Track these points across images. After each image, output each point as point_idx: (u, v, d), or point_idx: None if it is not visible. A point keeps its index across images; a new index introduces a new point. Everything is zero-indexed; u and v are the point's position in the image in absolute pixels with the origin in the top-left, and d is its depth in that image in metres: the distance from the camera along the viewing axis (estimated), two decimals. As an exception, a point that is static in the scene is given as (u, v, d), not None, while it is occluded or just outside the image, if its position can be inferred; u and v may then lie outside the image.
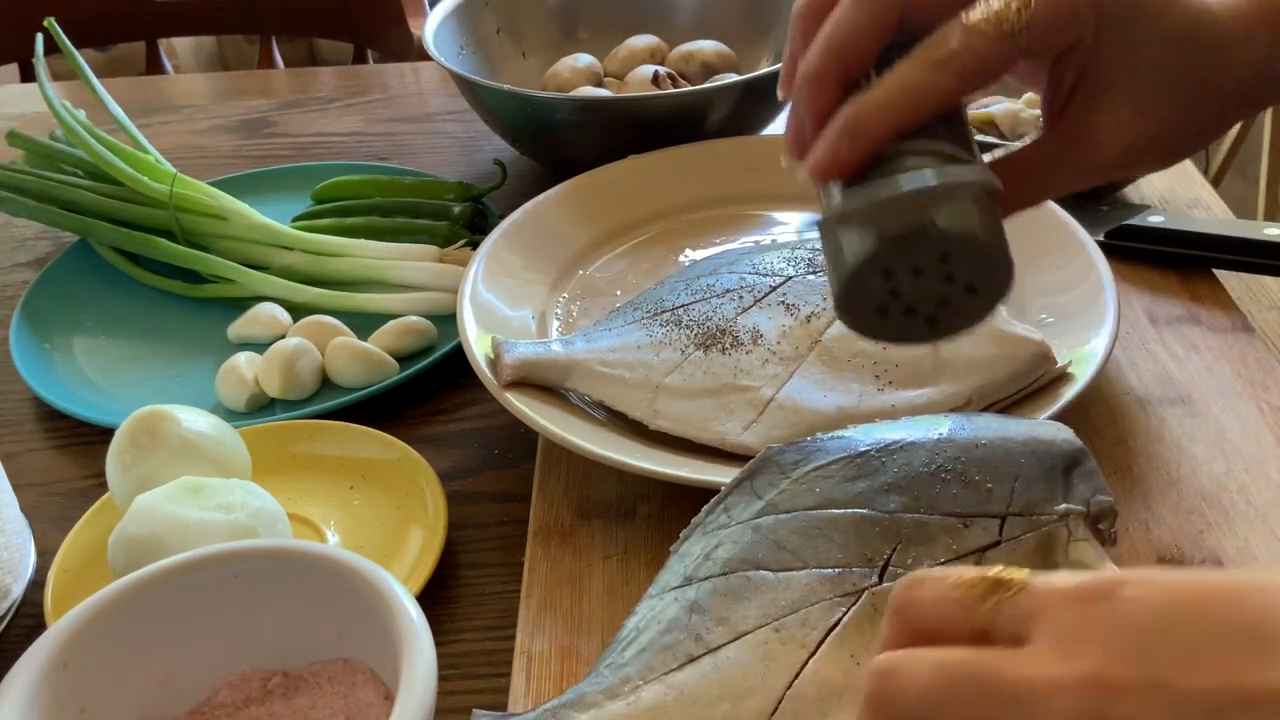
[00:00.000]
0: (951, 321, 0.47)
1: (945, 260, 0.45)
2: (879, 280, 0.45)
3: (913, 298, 0.46)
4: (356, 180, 0.96)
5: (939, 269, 0.45)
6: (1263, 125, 1.90)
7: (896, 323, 0.47)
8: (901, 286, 0.45)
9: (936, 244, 0.44)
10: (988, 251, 0.45)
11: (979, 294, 0.46)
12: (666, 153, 0.87)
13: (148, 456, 0.63)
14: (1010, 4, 0.46)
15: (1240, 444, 0.67)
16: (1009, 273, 0.46)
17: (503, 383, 0.67)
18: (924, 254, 0.44)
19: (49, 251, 0.97)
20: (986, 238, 0.45)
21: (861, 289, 0.45)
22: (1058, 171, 0.51)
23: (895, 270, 0.45)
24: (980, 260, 0.45)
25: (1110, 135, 0.50)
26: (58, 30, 0.92)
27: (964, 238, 0.44)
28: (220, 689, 0.51)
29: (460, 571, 0.65)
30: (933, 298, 0.46)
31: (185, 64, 2.70)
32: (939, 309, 0.47)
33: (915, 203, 0.44)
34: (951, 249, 0.44)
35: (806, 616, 0.48)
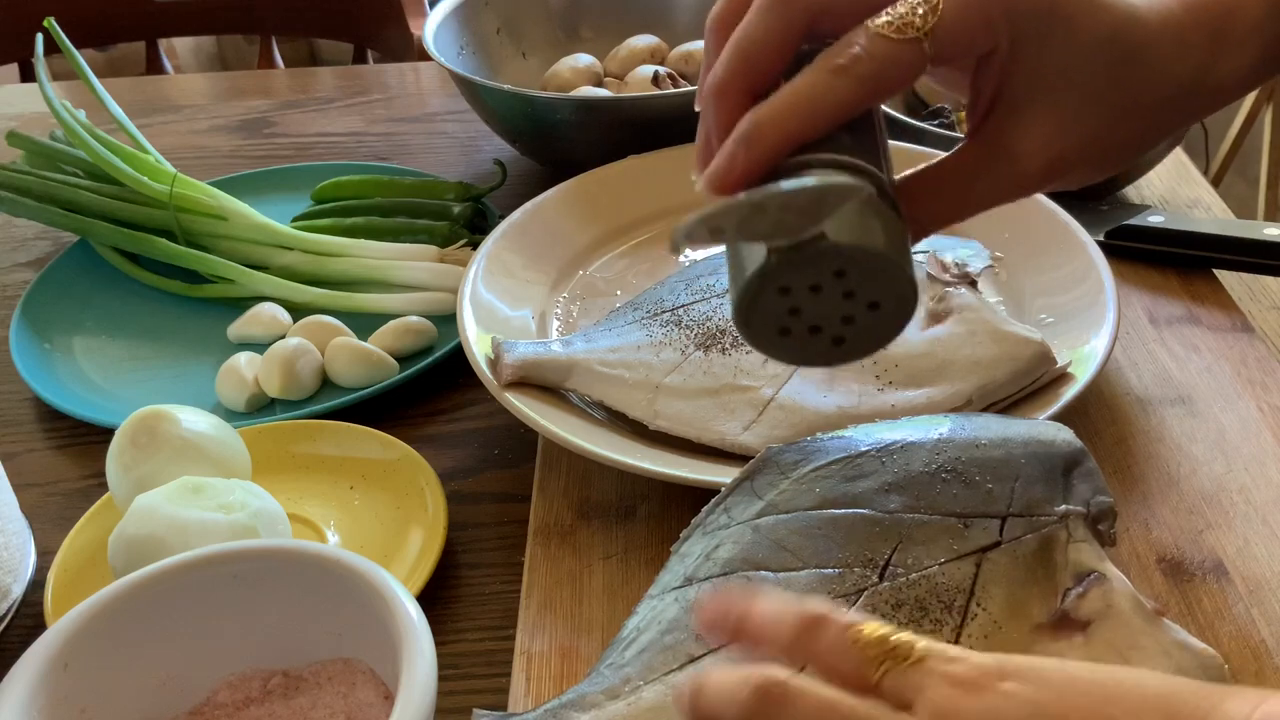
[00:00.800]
0: (859, 340, 0.45)
1: (842, 275, 0.43)
2: (776, 297, 0.43)
3: (815, 316, 0.44)
4: (356, 180, 0.96)
5: (837, 284, 0.43)
6: (1263, 125, 1.90)
7: (802, 342, 0.45)
8: (801, 304, 0.43)
9: (828, 258, 0.42)
10: (883, 265, 0.42)
11: (883, 310, 0.44)
12: (666, 153, 0.87)
13: (148, 456, 0.63)
14: (915, 8, 0.44)
15: (1240, 444, 0.67)
16: (912, 288, 0.43)
17: (503, 383, 0.67)
18: (817, 269, 0.42)
19: (49, 251, 0.97)
20: (880, 250, 0.42)
21: (758, 306, 0.43)
22: (979, 184, 0.48)
23: (792, 287, 0.43)
24: (877, 274, 0.43)
25: (1032, 150, 0.47)
26: (58, 30, 0.92)
27: (856, 250, 0.42)
28: (220, 689, 0.52)
29: (460, 571, 0.65)
30: (836, 316, 0.44)
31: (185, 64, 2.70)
32: (844, 327, 0.45)
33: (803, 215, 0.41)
34: (845, 264, 0.42)
35: None
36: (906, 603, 0.48)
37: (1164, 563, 0.60)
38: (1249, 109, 1.90)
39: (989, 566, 0.49)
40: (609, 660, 0.50)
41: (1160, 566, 0.59)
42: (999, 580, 0.49)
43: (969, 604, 0.48)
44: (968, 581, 0.49)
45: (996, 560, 0.49)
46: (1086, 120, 0.48)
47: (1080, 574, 0.49)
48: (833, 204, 0.41)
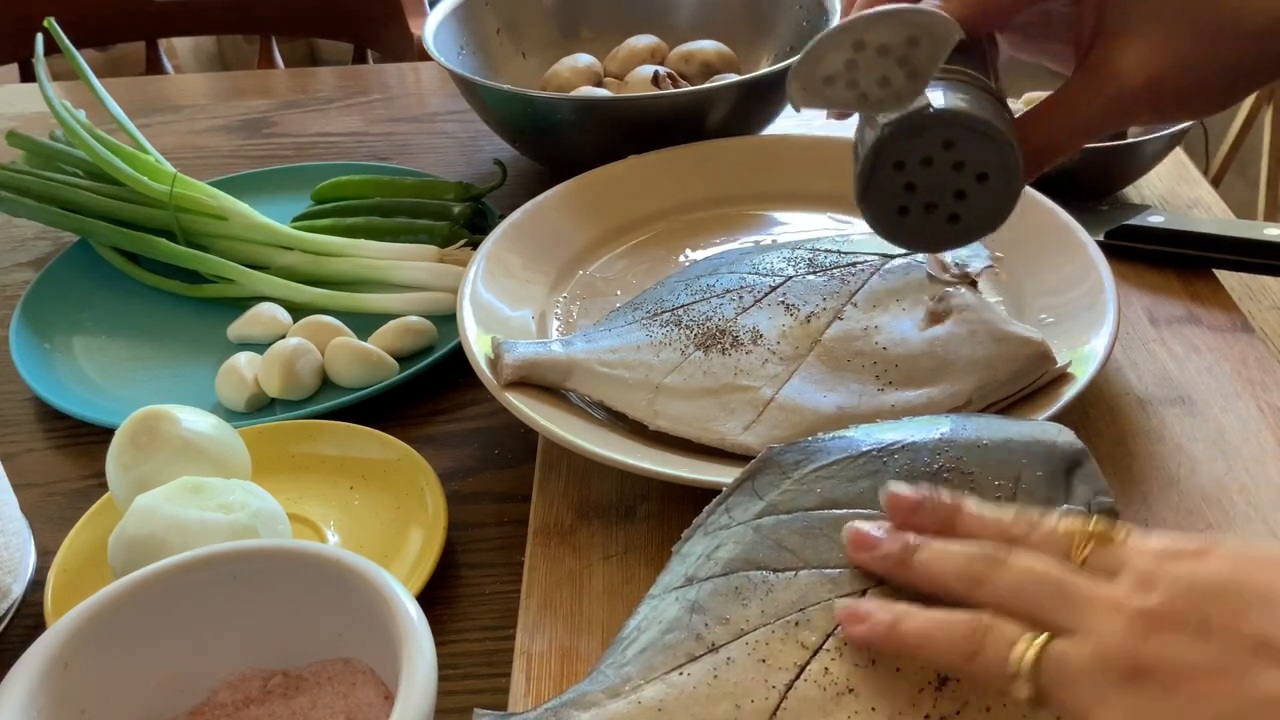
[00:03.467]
0: (973, 217, 0.50)
1: (950, 146, 0.48)
2: (892, 173, 0.49)
3: (929, 191, 0.49)
4: (356, 180, 0.96)
5: (946, 156, 0.48)
6: (1263, 125, 1.90)
7: (920, 220, 0.50)
8: (915, 179, 0.49)
9: (936, 126, 0.47)
10: (987, 131, 0.48)
11: (991, 182, 0.49)
12: (666, 153, 0.87)
13: (148, 456, 0.63)
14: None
15: (1240, 444, 0.67)
16: (1015, 157, 0.49)
17: (503, 383, 0.67)
18: (926, 139, 0.48)
19: (49, 251, 0.97)
20: (982, 116, 0.48)
21: (877, 182, 0.49)
22: (1087, 108, 0.54)
23: (906, 161, 0.48)
24: (982, 142, 0.48)
25: (1130, 69, 0.53)
26: (58, 30, 0.92)
27: (960, 116, 0.47)
28: (220, 689, 0.52)
29: (460, 571, 0.65)
30: (949, 190, 0.49)
31: (185, 64, 2.70)
32: (957, 203, 0.50)
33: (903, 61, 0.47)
34: (951, 133, 0.48)
35: (808, 617, 0.48)
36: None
37: (1164, 563, 0.60)
38: (1249, 109, 1.90)
39: None
40: (610, 659, 0.50)
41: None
42: None
43: None
44: None
45: None
46: (1179, 43, 0.53)
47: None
48: (923, 33, 0.47)
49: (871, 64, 0.47)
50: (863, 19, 0.47)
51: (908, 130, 0.48)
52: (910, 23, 0.46)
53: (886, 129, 0.48)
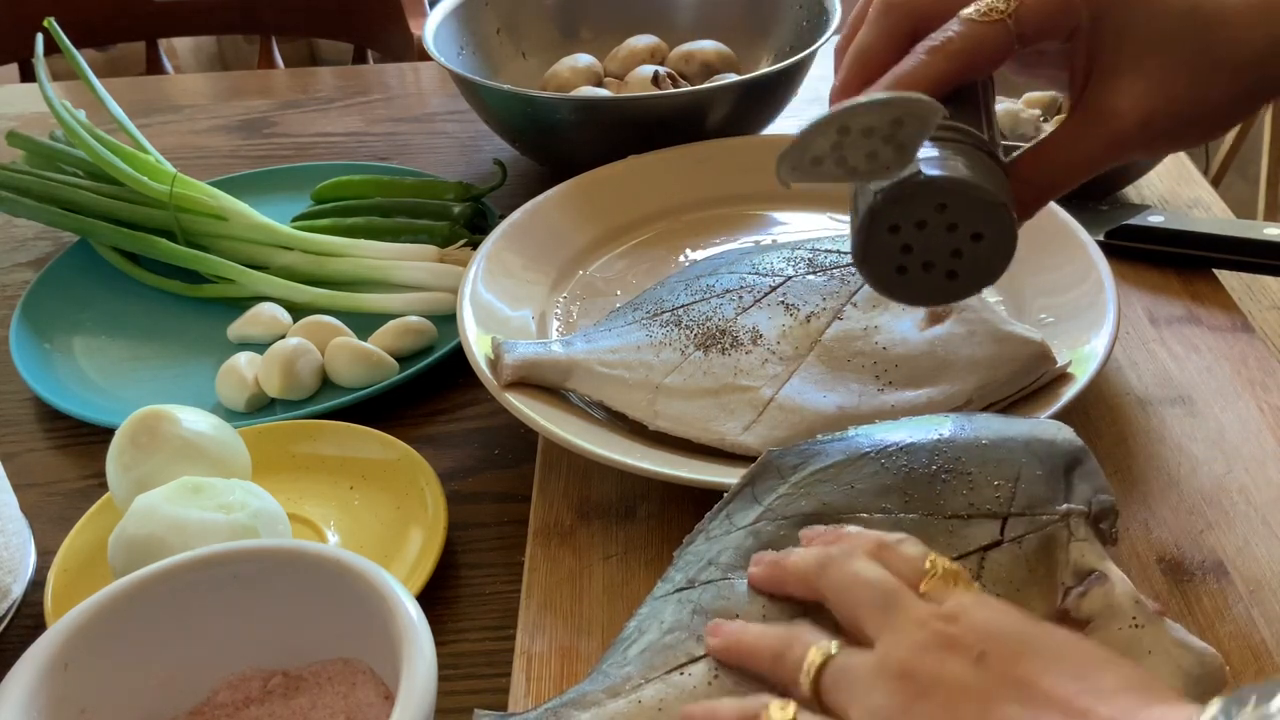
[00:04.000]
0: (970, 274, 0.51)
1: (943, 209, 0.49)
2: (888, 236, 0.49)
3: (926, 252, 0.50)
4: (356, 180, 0.96)
5: (940, 219, 0.49)
6: (1263, 125, 1.90)
7: (918, 279, 0.51)
8: (911, 241, 0.50)
9: (926, 192, 0.48)
10: (977, 194, 0.49)
11: (986, 241, 0.50)
12: (666, 153, 0.87)
13: (148, 456, 0.63)
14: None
15: (1240, 444, 0.67)
16: (1009, 217, 0.49)
17: (503, 383, 0.67)
18: (918, 204, 0.49)
19: (49, 251, 0.97)
20: (971, 180, 0.48)
21: (873, 245, 0.50)
22: (1084, 147, 0.54)
23: (901, 225, 0.49)
24: (973, 204, 0.49)
25: (1125, 109, 0.53)
26: (58, 30, 0.92)
27: (948, 182, 0.48)
28: (220, 689, 0.52)
29: (460, 571, 0.65)
30: (945, 250, 0.50)
31: (185, 64, 2.70)
32: (954, 261, 0.50)
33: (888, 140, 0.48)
34: (943, 197, 0.48)
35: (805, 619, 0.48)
36: None
37: (1164, 562, 0.60)
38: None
39: (990, 566, 0.49)
40: (610, 659, 0.50)
41: (1160, 566, 0.59)
42: (1000, 580, 0.49)
43: None
44: None
45: (998, 559, 0.49)
46: (1173, 81, 0.53)
47: (1081, 573, 0.49)
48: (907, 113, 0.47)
49: (858, 144, 0.48)
50: (846, 108, 0.47)
51: (899, 197, 0.49)
52: (894, 106, 0.47)
53: (879, 195, 0.49)
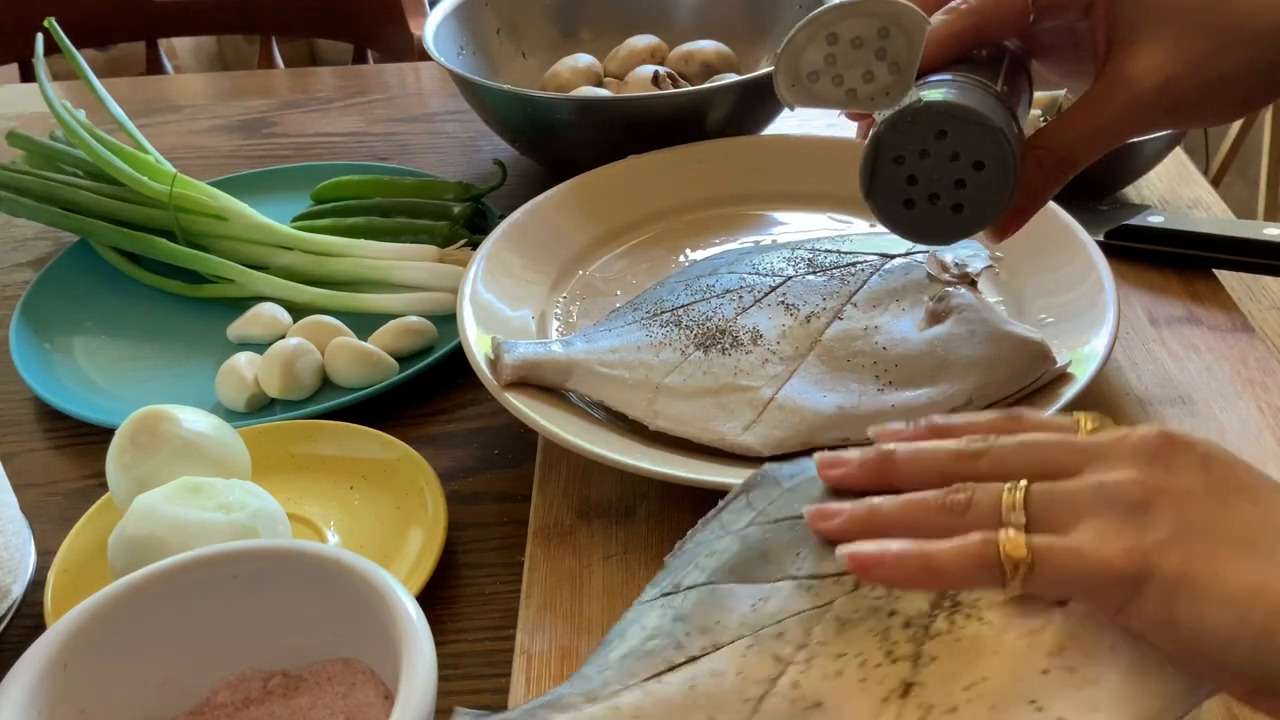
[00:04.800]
0: (976, 206, 0.52)
1: (943, 136, 0.50)
2: (892, 167, 0.51)
3: (930, 183, 0.51)
4: (356, 180, 0.96)
5: (941, 147, 0.50)
6: (1263, 125, 1.90)
7: (926, 214, 0.52)
8: (916, 172, 0.51)
9: (925, 117, 0.50)
10: (975, 119, 0.50)
11: (988, 171, 0.51)
12: (666, 153, 0.87)
13: (148, 456, 0.63)
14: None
15: (1240, 444, 0.67)
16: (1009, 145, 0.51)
17: (503, 383, 0.67)
18: (919, 131, 0.50)
19: (49, 251, 0.97)
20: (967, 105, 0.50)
21: (879, 177, 0.51)
22: (1105, 114, 0.55)
23: (904, 154, 0.51)
24: (972, 130, 0.50)
25: (1143, 73, 0.54)
26: (58, 30, 0.92)
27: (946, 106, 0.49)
28: (220, 689, 0.52)
29: (460, 571, 0.65)
30: (948, 180, 0.51)
31: (185, 64, 2.70)
32: (959, 193, 0.52)
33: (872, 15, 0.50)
34: (943, 123, 0.50)
35: (782, 629, 0.48)
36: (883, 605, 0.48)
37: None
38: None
39: None
40: (593, 663, 0.51)
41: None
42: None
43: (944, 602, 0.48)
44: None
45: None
46: (1191, 45, 0.54)
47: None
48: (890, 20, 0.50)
49: (850, 57, 0.50)
50: (828, 11, 0.49)
51: (899, 123, 0.50)
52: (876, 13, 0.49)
53: (881, 125, 0.51)
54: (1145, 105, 0.55)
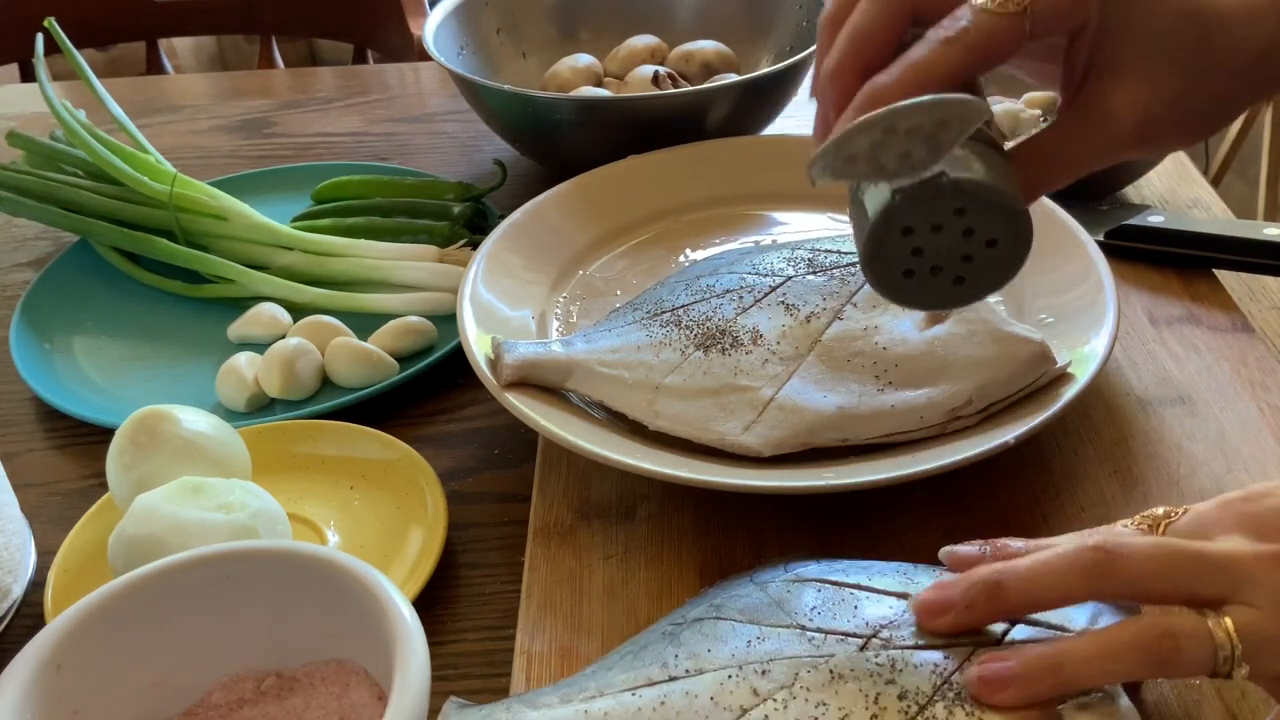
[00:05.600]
0: (978, 279, 0.49)
1: (961, 213, 0.46)
2: (900, 238, 0.47)
3: (936, 256, 0.48)
4: (356, 180, 0.96)
5: (957, 223, 0.47)
6: (1263, 125, 1.90)
7: (924, 283, 0.48)
8: (924, 244, 0.47)
9: (949, 194, 0.46)
10: (1000, 200, 0.46)
11: (1000, 247, 0.48)
12: (666, 153, 0.87)
13: (148, 456, 0.63)
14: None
15: (1240, 444, 0.67)
16: (1027, 224, 0.47)
17: (503, 383, 0.67)
18: (938, 206, 0.46)
19: (49, 251, 0.97)
20: (997, 185, 0.46)
21: (885, 247, 0.47)
22: (1077, 147, 0.53)
23: (916, 227, 0.47)
24: (994, 210, 0.47)
25: (1122, 108, 0.52)
26: (58, 30, 0.92)
27: (974, 185, 0.46)
28: (214, 690, 0.51)
29: (460, 571, 0.65)
30: (956, 255, 0.48)
31: (185, 64, 2.70)
32: (964, 266, 0.48)
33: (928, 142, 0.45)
34: (964, 200, 0.46)
35: (771, 668, 0.48)
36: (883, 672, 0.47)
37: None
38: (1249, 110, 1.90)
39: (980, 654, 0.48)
40: (587, 670, 0.51)
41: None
42: None
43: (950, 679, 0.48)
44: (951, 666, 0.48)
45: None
46: (1171, 82, 0.52)
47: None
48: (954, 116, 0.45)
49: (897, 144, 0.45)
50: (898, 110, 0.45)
51: (921, 197, 0.46)
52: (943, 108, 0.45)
53: (899, 196, 0.47)
54: (1119, 140, 0.53)
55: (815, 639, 0.49)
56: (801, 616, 0.50)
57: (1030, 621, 0.48)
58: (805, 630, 0.49)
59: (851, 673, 0.47)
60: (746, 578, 0.54)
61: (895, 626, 0.49)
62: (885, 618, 0.49)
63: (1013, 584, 0.46)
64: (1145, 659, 0.44)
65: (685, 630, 0.51)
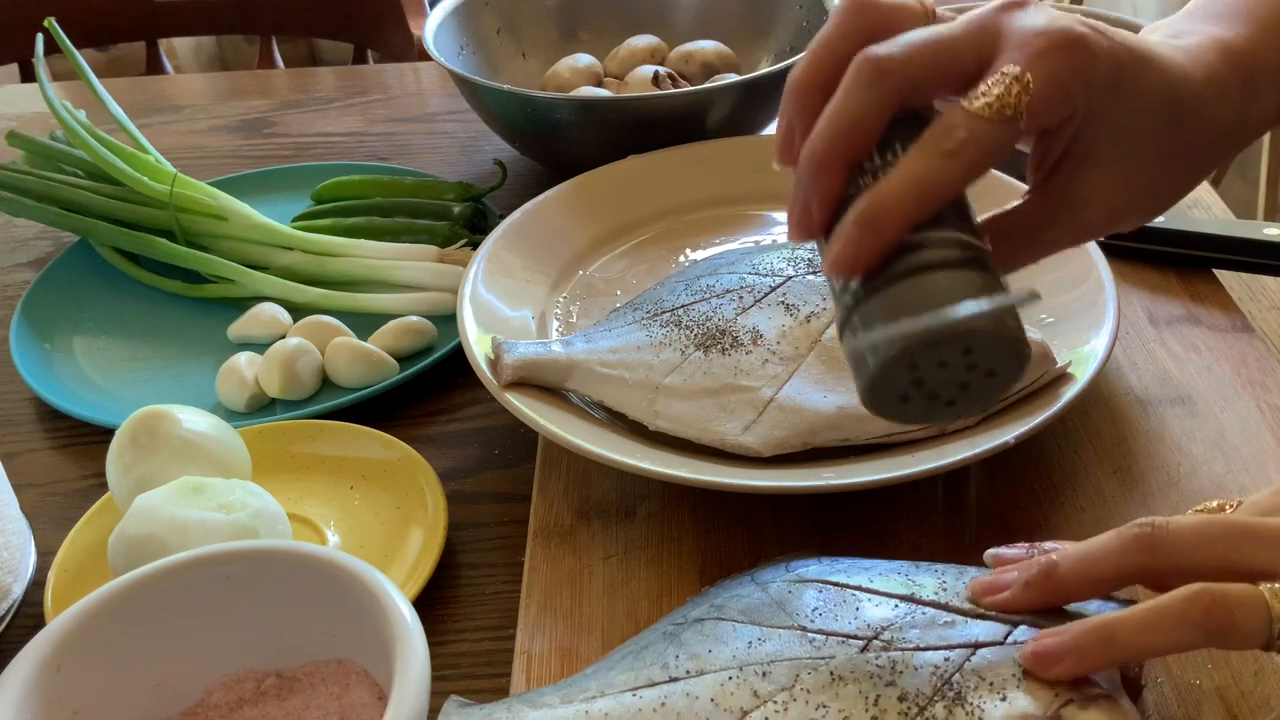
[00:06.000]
0: (971, 402, 0.49)
1: (970, 353, 0.46)
2: (905, 374, 0.46)
3: (936, 386, 0.47)
4: (356, 180, 0.96)
5: (962, 360, 0.46)
6: (1263, 125, 1.90)
7: (919, 405, 0.48)
8: (927, 377, 0.47)
9: (962, 341, 0.45)
10: (1010, 344, 0.46)
11: (997, 376, 0.47)
12: (666, 153, 0.87)
13: (148, 456, 0.63)
14: (1010, 88, 0.46)
15: (1240, 444, 0.67)
16: (1028, 356, 0.47)
17: (503, 383, 0.67)
18: (950, 351, 0.45)
19: (49, 251, 0.97)
20: (1009, 332, 0.46)
21: (889, 384, 0.47)
22: (1046, 233, 0.52)
23: (921, 364, 0.46)
24: (1003, 350, 0.46)
25: (1096, 199, 0.51)
26: (58, 30, 0.92)
27: (989, 334, 0.45)
28: (214, 690, 0.51)
29: (460, 571, 0.65)
30: (954, 384, 0.47)
31: (185, 64, 2.70)
32: (959, 392, 0.48)
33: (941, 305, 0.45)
34: (975, 344, 0.45)
35: (769, 670, 0.48)
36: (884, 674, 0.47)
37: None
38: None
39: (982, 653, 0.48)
40: (589, 670, 0.51)
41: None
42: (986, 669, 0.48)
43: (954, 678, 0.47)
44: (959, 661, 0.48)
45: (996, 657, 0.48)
46: (1146, 170, 0.51)
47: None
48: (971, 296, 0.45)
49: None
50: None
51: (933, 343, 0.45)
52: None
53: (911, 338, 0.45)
54: (1091, 227, 0.52)
55: (816, 640, 0.49)
56: (803, 618, 0.50)
57: (1032, 624, 0.48)
58: (806, 632, 0.49)
59: (852, 675, 0.47)
60: (747, 577, 0.54)
61: (896, 628, 0.49)
62: (886, 619, 0.49)
63: (1066, 564, 0.47)
64: (1198, 629, 0.44)
65: (686, 630, 0.51)
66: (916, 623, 0.49)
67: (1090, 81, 0.48)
